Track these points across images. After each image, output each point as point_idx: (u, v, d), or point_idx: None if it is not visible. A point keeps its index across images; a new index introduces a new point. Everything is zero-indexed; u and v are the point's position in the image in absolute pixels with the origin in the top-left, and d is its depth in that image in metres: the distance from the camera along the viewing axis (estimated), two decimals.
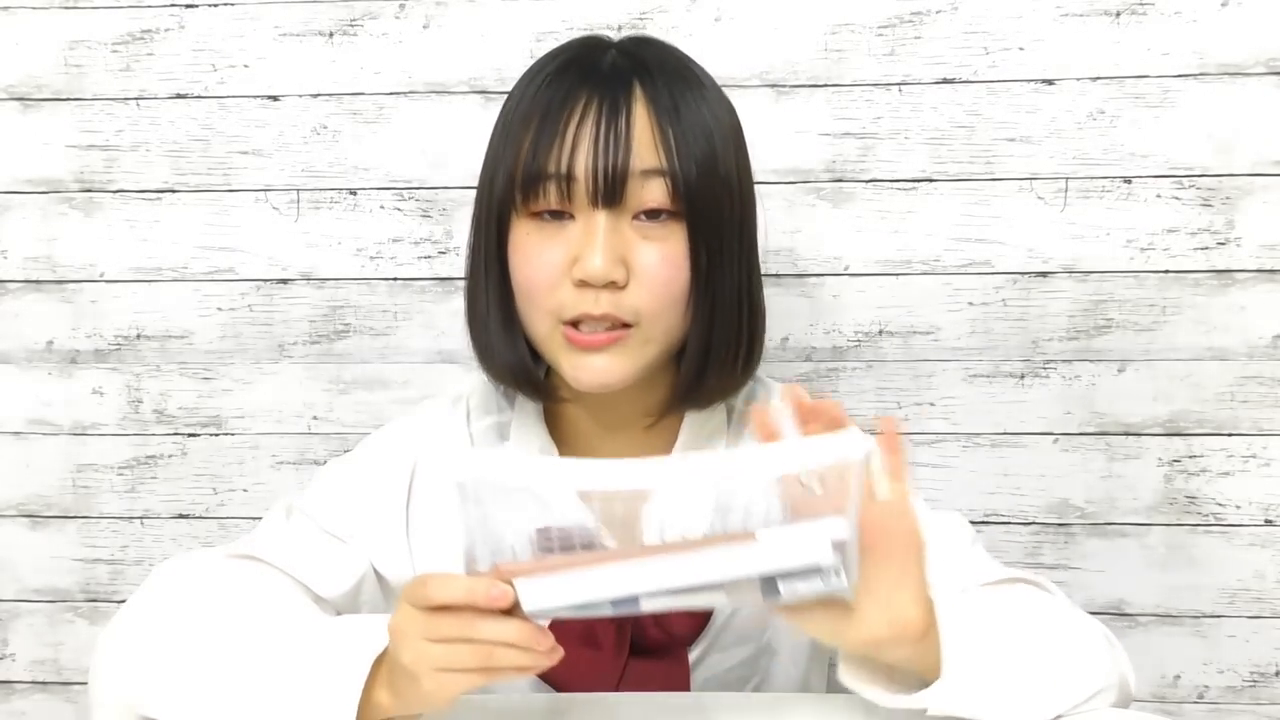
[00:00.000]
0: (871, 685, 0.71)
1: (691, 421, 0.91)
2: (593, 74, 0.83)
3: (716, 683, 0.91)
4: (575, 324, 0.82)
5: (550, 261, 0.81)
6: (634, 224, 0.82)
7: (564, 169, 0.80)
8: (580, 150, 0.80)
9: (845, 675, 0.72)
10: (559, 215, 0.82)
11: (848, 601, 0.66)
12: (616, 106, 0.80)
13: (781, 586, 0.65)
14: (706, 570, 0.64)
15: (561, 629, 0.86)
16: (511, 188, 0.82)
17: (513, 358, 0.86)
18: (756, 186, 0.91)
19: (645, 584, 0.64)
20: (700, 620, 0.89)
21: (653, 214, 0.81)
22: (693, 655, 0.90)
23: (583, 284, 0.80)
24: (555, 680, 0.88)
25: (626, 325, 0.82)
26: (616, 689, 0.86)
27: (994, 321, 1.27)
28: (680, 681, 0.88)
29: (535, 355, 0.88)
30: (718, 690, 0.91)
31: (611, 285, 0.80)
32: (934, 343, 1.27)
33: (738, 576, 0.64)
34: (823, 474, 0.63)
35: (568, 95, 0.81)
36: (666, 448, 0.91)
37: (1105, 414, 1.27)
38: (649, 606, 0.65)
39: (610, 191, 0.80)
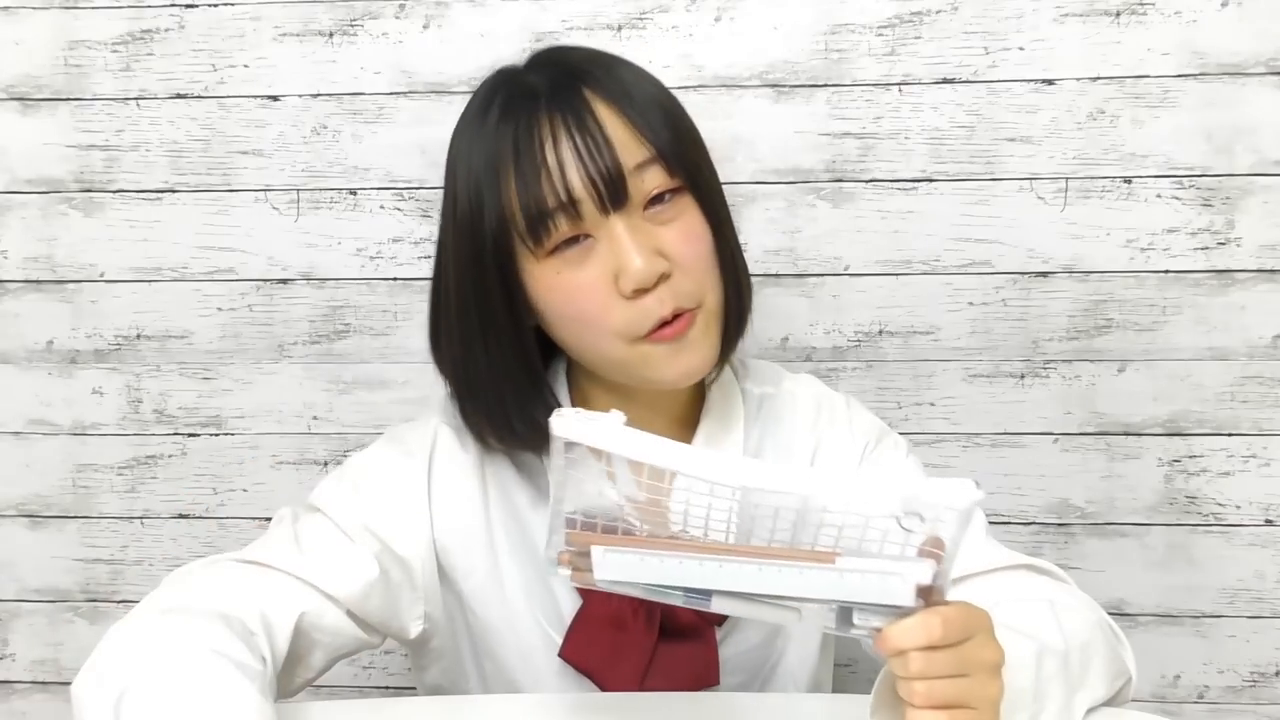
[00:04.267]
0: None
1: (711, 411, 0.92)
2: (537, 95, 0.81)
3: (737, 663, 0.92)
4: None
5: (594, 285, 0.80)
6: (645, 214, 0.81)
7: (563, 195, 0.78)
8: (569, 170, 0.79)
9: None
10: (575, 240, 0.80)
11: None
12: (580, 114, 0.80)
13: (857, 618, 0.64)
14: (786, 584, 0.63)
15: (591, 610, 0.86)
16: (511, 235, 0.80)
17: (539, 408, 0.84)
18: (757, 187, 0.92)
19: (723, 582, 0.63)
20: None
21: (657, 198, 0.81)
22: (720, 636, 0.90)
23: (637, 293, 0.80)
24: (584, 662, 0.88)
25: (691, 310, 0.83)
26: (646, 670, 0.86)
27: (994, 321, 1.27)
28: (708, 662, 0.88)
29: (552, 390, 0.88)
30: (738, 670, 0.92)
31: (661, 278, 0.80)
32: (934, 343, 1.27)
33: (817, 598, 0.63)
34: (924, 514, 0.61)
35: (530, 123, 0.80)
36: (689, 434, 0.91)
37: (1105, 414, 1.27)
38: (719, 606, 0.65)
39: (614, 195, 0.79)
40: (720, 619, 0.88)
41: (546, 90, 0.81)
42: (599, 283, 0.80)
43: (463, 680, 0.94)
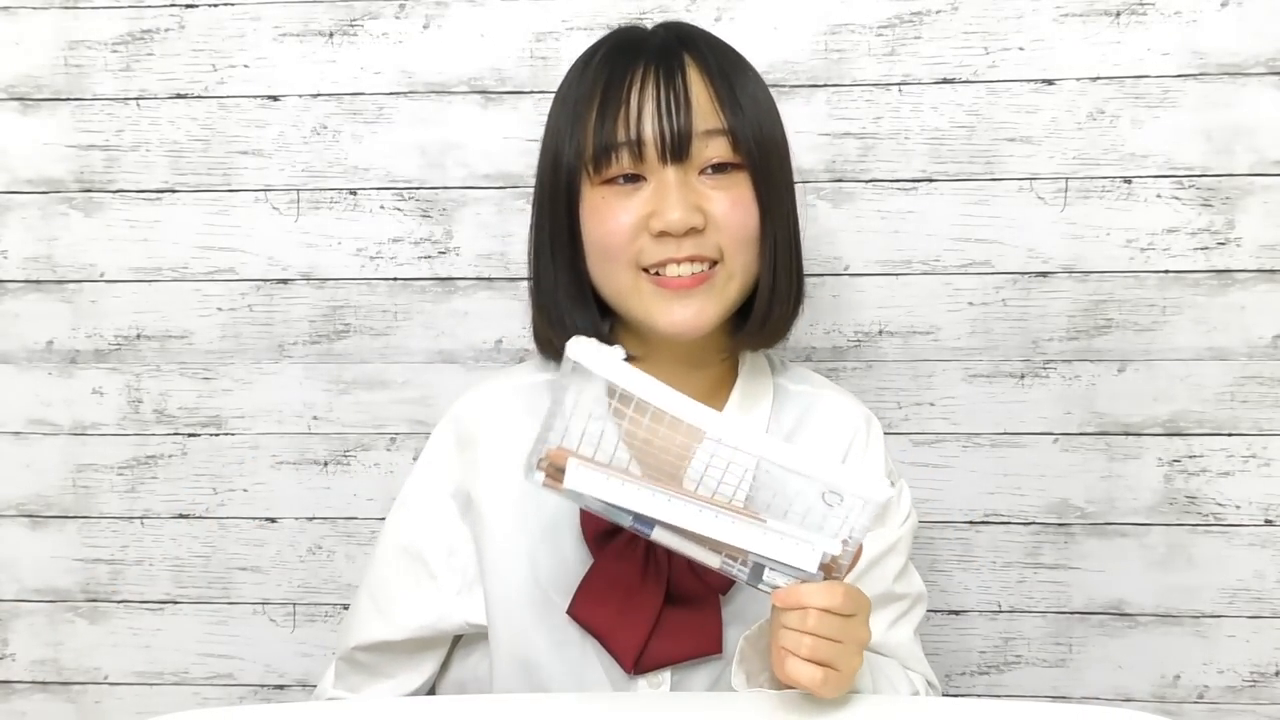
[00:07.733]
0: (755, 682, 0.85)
1: (741, 389, 0.97)
2: (644, 48, 0.90)
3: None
4: (659, 272, 0.89)
5: (627, 219, 0.88)
6: (701, 178, 0.89)
7: (633, 134, 0.87)
8: (646, 115, 0.87)
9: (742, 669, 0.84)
10: (631, 179, 0.89)
11: None
12: (672, 72, 0.88)
13: (767, 574, 0.77)
14: (720, 530, 0.75)
15: (604, 576, 0.89)
16: (582, 160, 0.89)
17: (586, 322, 0.92)
18: None
19: (665, 515, 0.76)
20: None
21: (718, 168, 0.89)
22: (726, 609, 0.92)
23: (663, 234, 0.87)
24: (592, 624, 0.90)
25: (712, 263, 0.89)
26: (651, 634, 0.89)
27: (994, 321, 1.27)
28: (712, 631, 0.91)
29: (603, 319, 0.95)
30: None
31: (692, 231, 0.87)
32: (934, 343, 1.27)
33: (741, 547, 0.76)
34: (843, 494, 0.74)
35: (626, 69, 0.89)
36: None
37: (1105, 414, 1.27)
38: (659, 536, 0.77)
39: (678, 148, 0.87)
40: (725, 586, 0.91)
41: (654, 47, 0.91)
42: (635, 218, 0.88)
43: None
